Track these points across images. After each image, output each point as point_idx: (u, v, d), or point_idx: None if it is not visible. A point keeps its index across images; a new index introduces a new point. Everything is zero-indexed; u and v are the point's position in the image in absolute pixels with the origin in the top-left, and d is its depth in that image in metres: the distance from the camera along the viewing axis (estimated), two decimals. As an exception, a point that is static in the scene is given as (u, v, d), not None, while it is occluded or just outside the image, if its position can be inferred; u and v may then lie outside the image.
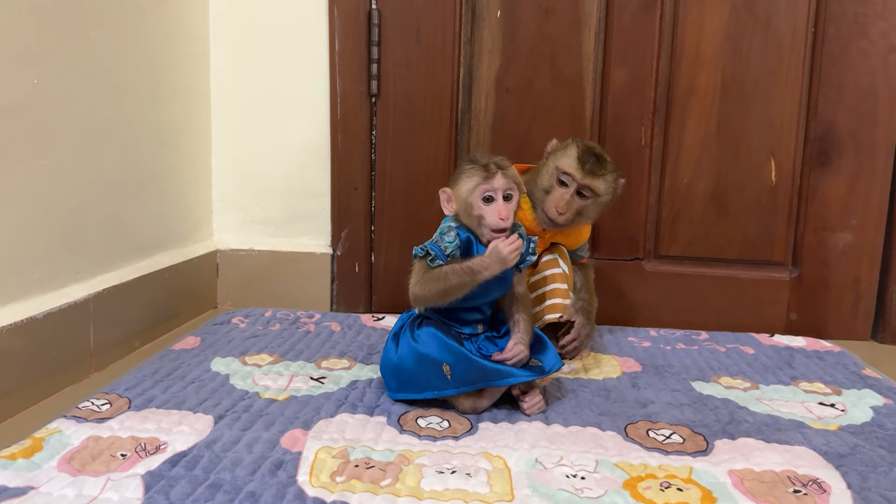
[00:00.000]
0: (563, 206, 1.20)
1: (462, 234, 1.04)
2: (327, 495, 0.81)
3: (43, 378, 1.11)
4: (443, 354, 1.02)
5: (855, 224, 1.53)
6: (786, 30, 1.50)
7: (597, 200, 1.23)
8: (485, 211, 1.02)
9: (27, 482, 0.82)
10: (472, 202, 1.02)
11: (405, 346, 1.07)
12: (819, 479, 0.88)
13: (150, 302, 1.40)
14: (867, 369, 1.31)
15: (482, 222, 1.02)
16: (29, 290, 1.11)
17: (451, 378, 1.02)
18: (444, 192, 1.06)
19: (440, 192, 1.06)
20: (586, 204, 1.22)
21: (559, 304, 1.25)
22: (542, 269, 1.28)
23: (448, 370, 1.02)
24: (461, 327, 1.07)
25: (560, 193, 1.21)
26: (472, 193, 1.02)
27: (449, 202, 1.06)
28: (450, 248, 1.02)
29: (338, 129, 1.60)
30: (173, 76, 1.50)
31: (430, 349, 1.03)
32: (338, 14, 1.56)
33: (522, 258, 1.06)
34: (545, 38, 1.54)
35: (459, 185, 1.03)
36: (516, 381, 1.03)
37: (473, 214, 1.03)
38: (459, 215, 1.05)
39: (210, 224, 1.68)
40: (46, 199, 1.14)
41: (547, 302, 1.25)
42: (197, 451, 0.91)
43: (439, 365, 1.02)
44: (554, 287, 1.25)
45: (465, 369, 1.02)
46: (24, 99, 1.08)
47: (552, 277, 1.26)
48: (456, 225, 1.05)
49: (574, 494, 0.83)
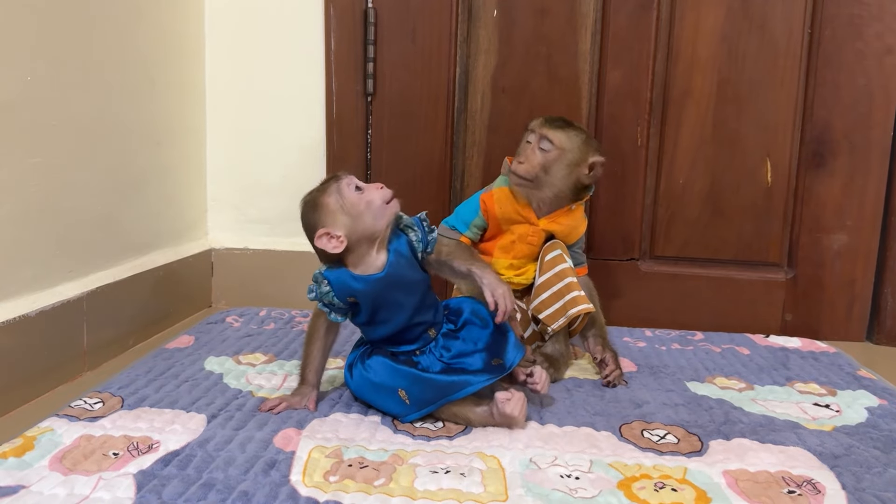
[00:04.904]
0: (523, 156, 1.22)
1: (332, 279, 1.01)
2: (320, 495, 0.81)
3: (35, 377, 1.11)
4: (395, 380, 1.01)
5: (850, 225, 1.53)
6: (781, 31, 1.50)
7: (562, 157, 1.21)
8: (366, 195, 0.99)
9: (18, 481, 0.82)
10: (353, 201, 0.99)
11: (358, 376, 1.05)
12: (813, 479, 0.88)
13: (143, 301, 1.40)
14: (862, 370, 1.31)
15: (372, 207, 0.99)
16: (22, 288, 1.10)
17: (409, 402, 1.00)
18: (322, 235, 0.99)
19: (321, 239, 0.99)
20: (549, 158, 1.21)
21: (584, 295, 1.21)
22: (550, 266, 1.24)
23: (405, 395, 1.00)
24: (411, 346, 1.04)
25: (523, 146, 1.24)
26: (346, 197, 0.99)
27: (333, 238, 0.99)
28: (327, 297, 1.01)
29: (333, 128, 1.59)
30: (168, 74, 1.49)
31: (382, 377, 1.02)
32: (334, 12, 1.55)
33: (425, 245, 1.04)
34: (541, 38, 1.54)
35: (332, 206, 0.99)
36: (475, 388, 0.99)
37: (362, 210, 0.99)
38: (351, 233, 0.99)
39: (205, 223, 1.68)
40: (40, 197, 1.13)
41: (568, 296, 1.20)
42: (189, 451, 0.90)
43: (395, 391, 1.00)
44: (569, 281, 1.21)
45: (421, 390, 0.99)
46: (17, 96, 1.08)
47: (563, 272, 1.22)
48: (321, 272, 1.02)
49: (568, 494, 0.83)
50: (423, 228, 1.05)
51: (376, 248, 1.01)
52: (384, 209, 1.00)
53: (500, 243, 1.27)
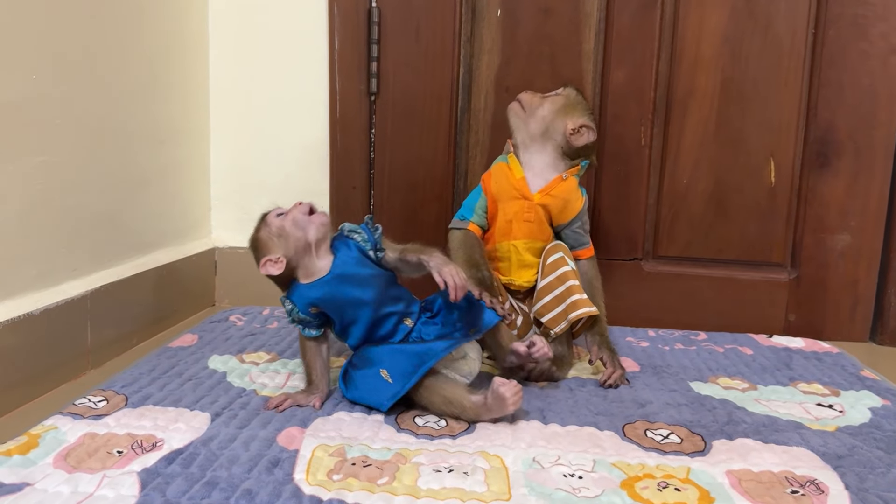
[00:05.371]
0: None
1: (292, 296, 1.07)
2: (324, 493, 0.81)
3: (39, 375, 1.11)
4: (376, 363, 1.05)
5: (853, 226, 1.53)
6: (785, 31, 1.50)
7: (559, 102, 1.28)
8: (289, 216, 1.07)
9: (23, 479, 0.82)
10: (278, 225, 1.07)
11: (347, 378, 1.09)
12: (817, 479, 0.88)
13: (147, 299, 1.40)
14: (865, 370, 1.31)
15: (296, 222, 1.06)
16: (26, 286, 1.11)
17: (392, 380, 1.02)
18: (265, 263, 1.06)
19: (265, 266, 1.06)
20: (550, 97, 1.29)
21: (585, 298, 1.20)
22: (552, 269, 1.24)
23: (386, 374, 1.03)
24: (392, 339, 1.08)
25: None
26: (272, 224, 1.07)
27: (274, 262, 1.05)
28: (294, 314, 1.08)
29: (337, 127, 1.60)
30: (172, 74, 1.50)
31: (364, 365, 1.06)
32: (338, 12, 1.55)
33: (374, 243, 1.09)
34: (545, 37, 1.54)
35: (264, 237, 1.07)
36: (454, 345, 1.04)
37: (288, 228, 1.06)
38: (287, 251, 1.06)
39: (208, 222, 1.68)
40: (44, 195, 1.14)
41: (569, 299, 1.20)
42: (193, 449, 0.90)
43: (378, 375, 1.03)
44: (570, 284, 1.21)
45: (399, 362, 1.03)
46: (22, 95, 1.08)
47: (565, 275, 1.22)
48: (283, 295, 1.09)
49: (571, 494, 0.83)
50: (368, 230, 1.10)
51: (318, 256, 1.07)
52: (307, 220, 1.07)
53: (498, 227, 1.28)
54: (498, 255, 1.28)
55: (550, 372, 1.20)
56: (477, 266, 1.23)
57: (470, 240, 1.28)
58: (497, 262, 1.29)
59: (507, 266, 1.28)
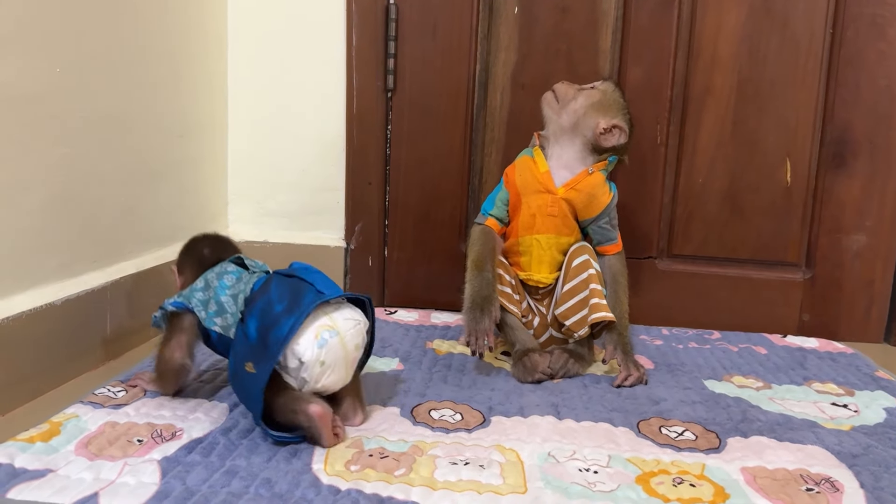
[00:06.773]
0: None
1: None
2: (342, 483, 0.82)
3: (60, 364, 1.12)
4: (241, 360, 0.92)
5: (869, 226, 1.53)
6: (803, 31, 1.50)
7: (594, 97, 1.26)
8: None
9: (46, 465, 0.83)
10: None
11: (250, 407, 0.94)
12: (832, 478, 0.88)
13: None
14: (880, 371, 1.31)
15: None
16: (47, 276, 1.12)
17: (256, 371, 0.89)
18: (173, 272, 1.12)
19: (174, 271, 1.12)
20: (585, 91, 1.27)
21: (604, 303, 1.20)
22: (576, 273, 1.22)
23: (251, 365, 0.90)
24: None
25: None
26: None
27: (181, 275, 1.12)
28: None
29: (353, 123, 1.60)
30: (192, 69, 1.51)
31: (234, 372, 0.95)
32: (355, 8, 1.56)
33: None
34: (562, 35, 1.54)
35: None
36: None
37: None
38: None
39: (225, 215, 1.69)
40: (66, 187, 1.15)
41: (591, 301, 1.19)
42: (213, 438, 0.91)
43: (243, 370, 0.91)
44: (593, 288, 1.20)
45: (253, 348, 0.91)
46: (46, 88, 1.09)
47: (589, 279, 1.21)
48: None
49: (587, 488, 0.84)
50: None
51: None
52: None
53: (521, 221, 1.26)
54: (520, 249, 1.27)
55: (571, 370, 1.20)
56: (481, 267, 1.22)
57: (484, 236, 1.27)
58: (518, 257, 1.28)
59: (528, 261, 1.27)
